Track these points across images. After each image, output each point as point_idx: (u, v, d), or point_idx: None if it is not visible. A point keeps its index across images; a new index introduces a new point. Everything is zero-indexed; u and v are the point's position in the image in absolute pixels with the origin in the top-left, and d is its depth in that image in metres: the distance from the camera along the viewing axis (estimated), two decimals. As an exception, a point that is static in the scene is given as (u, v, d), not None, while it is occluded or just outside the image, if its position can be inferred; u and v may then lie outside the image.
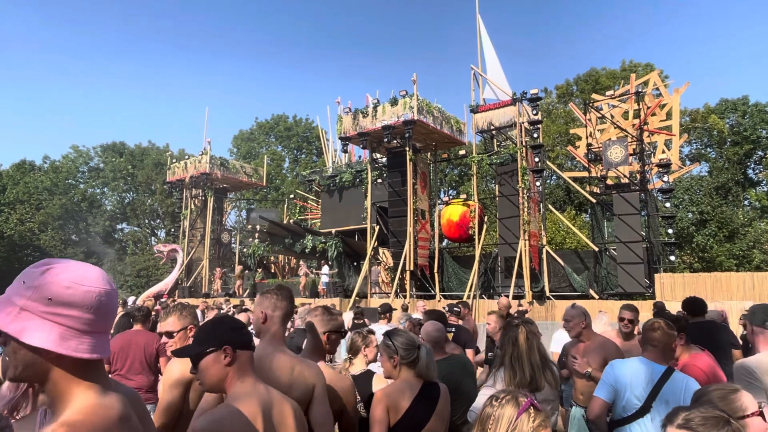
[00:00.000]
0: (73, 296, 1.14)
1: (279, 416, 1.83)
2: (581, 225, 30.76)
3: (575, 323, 4.30)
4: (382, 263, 19.57)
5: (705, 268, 29.09)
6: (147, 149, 52.37)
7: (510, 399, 1.69)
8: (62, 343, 1.12)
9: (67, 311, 1.13)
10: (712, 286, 15.41)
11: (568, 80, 43.29)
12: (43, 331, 1.11)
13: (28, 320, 1.11)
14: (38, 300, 1.12)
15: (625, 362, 3.25)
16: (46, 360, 1.12)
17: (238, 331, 1.91)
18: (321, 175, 26.48)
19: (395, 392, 2.74)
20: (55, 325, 1.12)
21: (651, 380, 3.04)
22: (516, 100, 18.64)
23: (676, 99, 20.99)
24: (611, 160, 18.18)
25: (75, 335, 1.13)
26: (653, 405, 2.98)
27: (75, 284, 1.14)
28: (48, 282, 1.13)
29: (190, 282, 26.40)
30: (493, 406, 1.70)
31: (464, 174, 40.98)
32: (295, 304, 2.85)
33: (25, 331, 1.10)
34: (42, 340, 1.10)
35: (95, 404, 1.14)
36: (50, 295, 1.12)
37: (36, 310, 1.11)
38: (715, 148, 39.89)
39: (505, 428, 1.63)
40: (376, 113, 18.90)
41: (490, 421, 1.67)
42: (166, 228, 50.36)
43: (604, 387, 3.16)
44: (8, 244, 45.11)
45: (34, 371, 1.13)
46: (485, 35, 21.19)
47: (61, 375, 1.14)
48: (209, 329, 1.92)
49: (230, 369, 1.82)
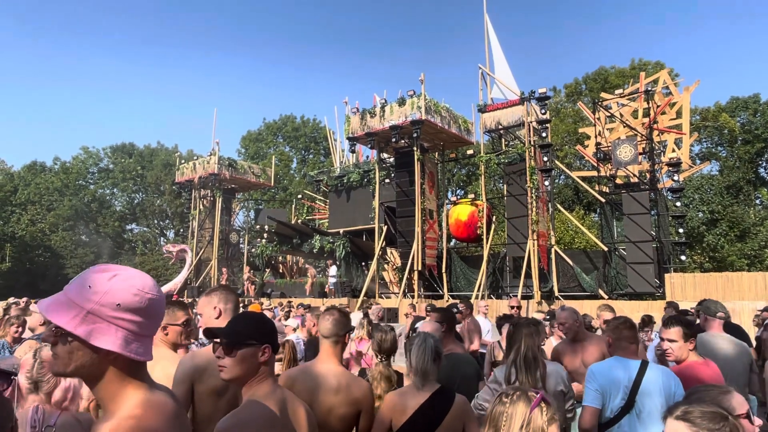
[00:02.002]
0: (140, 303, 1.22)
1: (293, 416, 1.87)
2: (590, 225, 30.59)
3: (571, 324, 4.35)
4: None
5: (716, 268, 28.84)
6: (156, 150, 52.72)
7: (521, 395, 1.70)
8: (126, 347, 1.20)
9: (132, 317, 1.21)
10: (723, 286, 15.25)
11: (576, 79, 43.08)
12: (109, 334, 1.19)
13: (95, 324, 1.18)
14: (107, 305, 1.19)
15: (602, 365, 3.33)
16: (105, 361, 1.20)
17: (276, 335, 1.97)
18: (329, 175, 26.50)
19: (402, 397, 2.67)
20: (120, 329, 1.20)
21: (630, 376, 3.13)
22: (524, 100, 18.56)
23: (687, 97, 20.80)
24: (620, 159, 18.06)
25: (136, 339, 1.22)
26: (636, 399, 3.07)
27: (141, 292, 1.23)
28: (117, 288, 1.21)
29: (199, 282, 26.52)
30: (504, 403, 1.70)
31: (472, 174, 40.87)
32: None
33: (94, 333, 1.17)
34: (109, 343, 1.18)
35: (150, 400, 1.23)
36: (119, 301, 1.20)
37: (104, 314, 1.19)
38: (726, 146, 39.50)
39: (519, 424, 1.64)
40: (383, 113, 18.89)
41: (503, 418, 1.67)
42: (175, 228, 50.66)
43: (591, 394, 3.19)
44: (20, 245, 45.57)
45: (91, 371, 1.21)
46: (493, 34, 21.13)
47: (116, 375, 1.22)
48: (254, 323, 1.94)
49: (262, 367, 1.86)
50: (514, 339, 3.28)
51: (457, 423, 2.62)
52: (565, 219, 27.15)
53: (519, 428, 1.63)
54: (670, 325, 3.50)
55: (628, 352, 3.29)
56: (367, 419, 2.53)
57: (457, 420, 2.62)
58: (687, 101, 20.81)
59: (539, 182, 18.30)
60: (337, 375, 2.56)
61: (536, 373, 3.09)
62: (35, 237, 46.08)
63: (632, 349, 3.32)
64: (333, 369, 2.59)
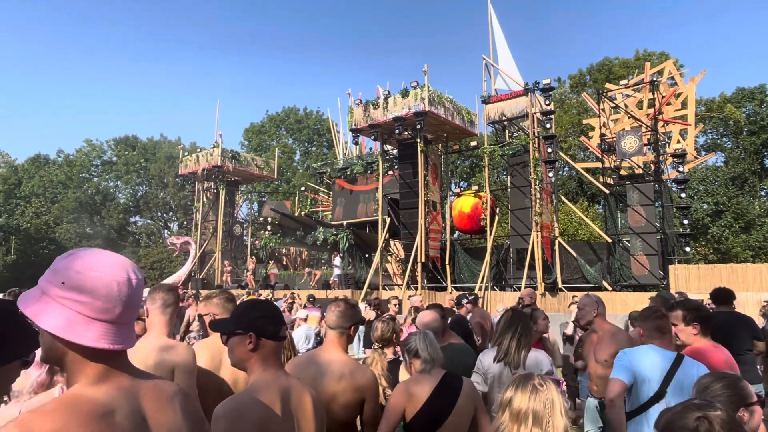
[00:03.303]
0: (83, 282, 1.14)
1: (297, 403, 1.86)
2: (594, 216, 30.50)
3: (587, 311, 4.36)
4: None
5: (720, 260, 28.76)
6: (159, 143, 52.74)
7: (547, 381, 1.82)
8: (68, 328, 1.12)
9: (77, 296, 1.14)
10: (728, 277, 15.19)
11: (581, 70, 42.81)
12: (54, 315, 1.13)
13: (46, 304, 1.14)
14: (55, 284, 1.14)
15: (636, 350, 3.25)
16: (61, 344, 1.14)
17: (268, 320, 1.91)
18: (332, 167, 26.48)
19: (414, 384, 2.71)
20: (65, 309, 1.13)
21: (664, 367, 3.07)
22: (528, 91, 18.45)
23: (692, 88, 20.63)
24: (625, 151, 17.96)
25: (84, 321, 1.14)
26: (668, 390, 3.00)
27: (85, 269, 1.15)
28: (65, 267, 1.16)
29: (203, 274, 26.61)
30: (539, 392, 1.80)
31: (476, 165, 40.77)
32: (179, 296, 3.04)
33: (40, 314, 1.13)
34: (50, 325, 1.12)
35: (75, 395, 1.12)
36: (64, 279, 1.14)
37: (53, 294, 1.14)
38: (732, 137, 39.24)
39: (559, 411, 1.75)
40: (387, 105, 18.81)
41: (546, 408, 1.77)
42: (179, 221, 50.77)
43: (621, 370, 3.14)
44: (24, 237, 45.79)
45: (54, 354, 1.15)
46: (497, 25, 20.98)
47: (73, 359, 1.15)
48: (243, 311, 1.94)
49: (253, 355, 1.86)
50: (510, 324, 3.66)
51: (469, 405, 2.70)
52: (569, 210, 27.08)
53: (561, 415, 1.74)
54: (673, 308, 3.54)
55: (663, 341, 3.26)
56: (371, 407, 2.53)
57: (469, 402, 2.70)
58: (692, 92, 20.64)
59: (543, 174, 18.23)
60: (341, 363, 2.58)
61: (521, 353, 3.53)
62: (40, 229, 46.28)
63: (667, 339, 3.29)
64: (337, 357, 2.62)
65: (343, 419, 2.50)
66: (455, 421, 2.62)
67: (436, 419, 2.61)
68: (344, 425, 2.51)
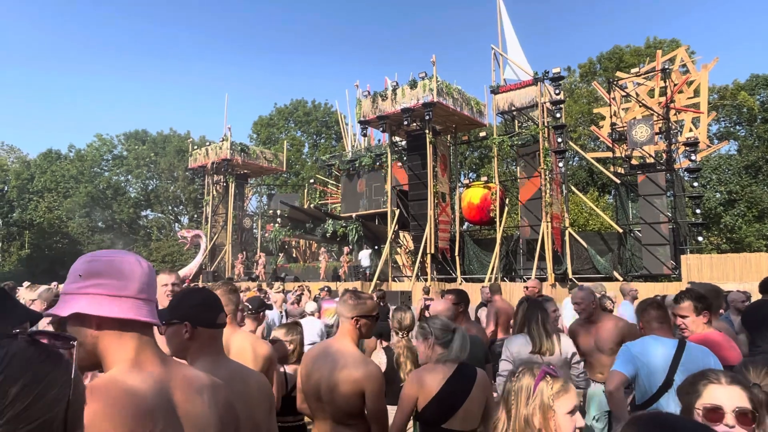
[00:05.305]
0: (98, 267, 1.22)
1: (242, 387, 1.86)
2: (604, 206, 30.28)
3: (587, 305, 4.38)
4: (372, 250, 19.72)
5: (733, 249, 28.45)
6: (169, 136, 52.97)
7: (525, 371, 1.74)
8: (94, 307, 1.18)
9: (96, 280, 1.20)
10: (741, 267, 15.02)
11: (591, 58, 42.30)
12: (78, 302, 1.19)
13: (69, 300, 1.20)
14: (73, 281, 1.21)
15: (639, 342, 3.23)
16: (90, 333, 1.19)
17: (203, 308, 1.88)
18: (340, 159, 26.45)
19: (427, 373, 2.73)
20: (88, 296, 1.20)
21: (668, 355, 3.04)
22: (537, 80, 18.28)
23: (705, 75, 20.30)
24: (636, 140, 17.76)
25: (108, 301, 1.20)
26: (675, 378, 2.97)
27: (96, 257, 1.25)
28: (76, 266, 1.24)
29: (214, 267, 26.80)
30: (512, 381, 1.75)
31: (485, 156, 40.55)
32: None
33: (65, 307, 1.19)
34: (76, 308, 1.18)
35: (112, 379, 1.15)
36: (80, 272, 1.21)
37: (73, 290, 1.20)
38: (745, 125, 38.62)
39: (525, 400, 1.68)
40: (395, 96, 18.73)
41: (512, 396, 1.72)
42: (189, 214, 51.07)
43: (624, 363, 3.13)
44: (38, 231, 46.34)
45: (87, 348, 1.19)
46: (505, 14, 20.77)
47: (106, 347, 1.20)
48: (178, 301, 1.91)
49: (191, 344, 1.83)
50: (529, 313, 3.77)
51: (482, 395, 2.72)
52: (579, 201, 26.89)
53: (525, 403, 1.68)
54: (680, 300, 3.41)
55: (662, 331, 3.23)
56: (371, 400, 2.54)
57: (482, 392, 2.72)
58: (705, 79, 20.31)
59: (553, 164, 18.10)
60: (345, 354, 2.60)
61: (554, 339, 3.66)
62: (53, 224, 46.80)
63: (665, 328, 3.25)
64: (341, 347, 2.65)
65: (346, 409, 2.53)
66: (467, 411, 2.65)
67: (449, 408, 2.63)
68: (349, 414, 2.54)
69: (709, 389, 1.66)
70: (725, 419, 1.60)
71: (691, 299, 3.37)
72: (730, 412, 1.60)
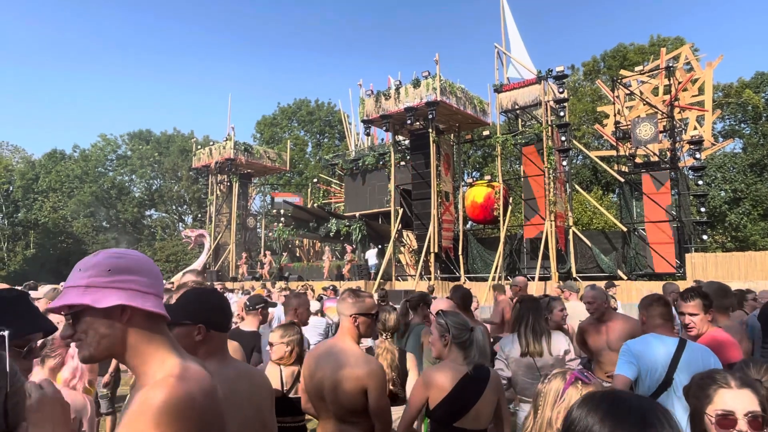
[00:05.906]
0: (127, 264, 1.26)
1: (249, 386, 1.90)
2: (608, 205, 30.18)
3: (599, 304, 4.38)
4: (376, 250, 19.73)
5: (738, 248, 28.35)
6: (172, 136, 53.10)
7: (558, 374, 1.77)
8: (131, 300, 1.22)
9: (128, 276, 1.24)
10: (746, 265, 14.96)
11: (594, 57, 42.11)
12: (113, 294, 1.21)
13: (96, 293, 1.21)
14: (99, 275, 1.22)
15: (639, 341, 3.22)
16: (122, 326, 1.22)
17: (217, 313, 1.90)
18: (344, 158, 26.47)
19: (436, 373, 2.75)
20: (120, 290, 1.22)
21: (668, 354, 3.03)
22: (541, 79, 18.23)
23: (709, 73, 20.22)
24: (640, 138, 17.70)
25: (140, 296, 1.24)
26: (674, 376, 2.97)
27: (123, 255, 1.28)
28: (101, 260, 1.25)
29: (218, 266, 26.87)
30: (544, 383, 1.78)
31: (488, 155, 40.48)
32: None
33: (98, 299, 1.20)
34: (114, 301, 1.20)
35: (187, 366, 1.22)
36: (109, 267, 1.23)
37: (100, 283, 1.21)
38: (750, 123, 38.40)
39: (552, 402, 1.70)
40: (398, 95, 18.72)
41: (540, 397, 1.75)
42: (193, 213, 51.18)
43: (625, 365, 3.12)
44: (43, 231, 46.53)
45: (112, 341, 1.21)
46: (508, 13, 20.72)
47: (138, 337, 1.23)
48: (192, 301, 1.91)
49: (201, 345, 1.84)
50: (520, 314, 3.83)
51: (493, 395, 2.76)
52: (583, 200, 26.82)
53: (552, 406, 1.69)
54: (689, 298, 3.36)
55: (664, 329, 3.20)
56: (374, 397, 2.55)
57: (494, 392, 2.76)
58: (709, 77, 20.23)
59: (556, 162, 18.05)
60: (347, 352, 2.63)
61: (542, 340, 3.69)
62: (58, 224, 46.99)
63: (668, 327, 3.22)
64: (344, 346, 2.67)
65: (349, 407, 2.55)
66: (479, 411, 2.68)
67: (462, 408, 2.66)
68: (352, 412, 2.56)
69: (719, 394, 1.67)
70: (738, 425, 1.61)
71: (699, 297, 3.34)
72: (742, 417, 1.61)
